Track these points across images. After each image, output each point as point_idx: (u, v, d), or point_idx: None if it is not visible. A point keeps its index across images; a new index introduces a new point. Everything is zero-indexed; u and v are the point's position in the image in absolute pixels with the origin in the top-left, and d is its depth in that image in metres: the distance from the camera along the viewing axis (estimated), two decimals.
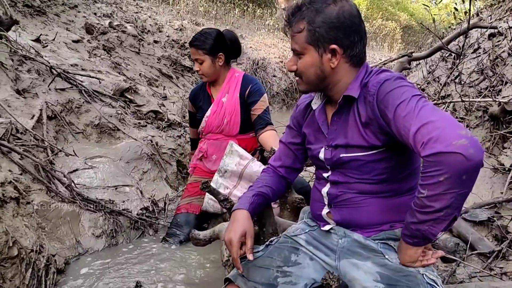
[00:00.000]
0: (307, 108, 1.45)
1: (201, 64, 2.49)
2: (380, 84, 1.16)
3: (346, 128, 1.27)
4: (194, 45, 2.47)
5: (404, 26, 17.48)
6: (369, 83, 1.21)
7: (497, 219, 1.95)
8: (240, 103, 2.55)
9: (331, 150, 1.31)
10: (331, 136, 1.31)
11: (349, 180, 1.29)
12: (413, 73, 5.19)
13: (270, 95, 8.06)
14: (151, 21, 6.67)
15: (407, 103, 1.06)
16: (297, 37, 1.23)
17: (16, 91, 2.79)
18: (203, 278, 2.14)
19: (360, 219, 1.29)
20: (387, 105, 1.11)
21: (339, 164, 1.30)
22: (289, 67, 1.30)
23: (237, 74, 2.62)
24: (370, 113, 1.18)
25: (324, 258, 1.35)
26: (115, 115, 3.38)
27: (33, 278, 1.87)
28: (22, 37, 3.54)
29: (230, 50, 2.58)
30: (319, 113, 1.37)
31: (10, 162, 2.17)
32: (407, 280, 1.15)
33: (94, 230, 2.38)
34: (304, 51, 1.23)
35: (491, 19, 4.12)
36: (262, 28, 11.32)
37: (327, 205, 1.37)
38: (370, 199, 1.28)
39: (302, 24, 1.21)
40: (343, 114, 1.28)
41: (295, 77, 1.33)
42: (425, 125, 0.99)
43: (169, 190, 3.09)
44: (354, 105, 1.24)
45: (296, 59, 1.27)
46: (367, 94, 1.20)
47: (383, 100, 1.13)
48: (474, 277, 1.71)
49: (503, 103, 2.39)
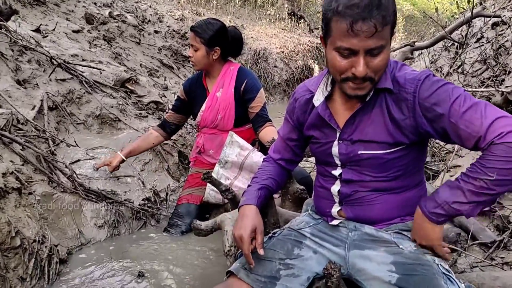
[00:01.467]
0: (308, 104, 1.37)
1: (196, 52, 2.46)
2: (421, 82, 1.14)
3: (369, 123, 1.22)
4: (194, 30, 2.44)
5: (407, 16, 17.33)
6: (400, 80, 1.17)
7: (498, 209, 1.95)
8: (235, 98, 2.52)
9: (346, 145, 1.27)
10: (347, 129, 1.26)
11: (363, 179, 1.27)
12: (415, 63, 5.16)
13: (271, 86, 8.04)
14: (152, 11, 6.62)
15: (463, 100, 1.09)
16: (385, 30, 1.06)
17: (16, 81, 2.78)
18: (205, 268, 2.15)
19: (373, 215, 1.30)
20: (437, 102, 1.11)
21: (355, 161, 1.26)
22: (363, 72, 1.09)
23: (232, 67, 2.58)
24: (406, 111, 1.16)
25: (331, 248, 1.34)
26: (116, 105, 3.37)
27: (36, 268, 1.88)
28: (22, 27, 3.52)
29: (230, 47, 2.54)
30: (321, 108, 1.30)
31: (12, 153, 2.17)
32: (422, 269, 1.15)
33: (96, 220, 2.39)
34: (387, 45, 1.10)
35: (495, 8, 4.08)
36: (263, 18, 11.23)
37: (338, 203, 1.35)
38: (383, 196, 1.28)
39: (390, 15, 1.06)
40: (369, 107, 1.22)
41: (359, 83, 1.13)
42: (501, 119, 1.04)
43: (170, 180, 3.09)
44: (382, 100, 1.19)
45: (368, 60, 1.09)
46: (401, 91, 1.16)
47: (429, 98, 1.12)
48: (476, 267, 1.72)
49: (506, 93, 2.38)
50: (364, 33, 1.04)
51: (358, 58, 1.08)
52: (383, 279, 1.18)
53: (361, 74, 1.09)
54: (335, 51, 1.11)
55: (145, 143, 2.72)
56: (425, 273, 1.14)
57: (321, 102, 1.30)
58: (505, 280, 1.39)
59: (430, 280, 1.12)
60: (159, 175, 3.04)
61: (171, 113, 2.74)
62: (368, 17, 1.02)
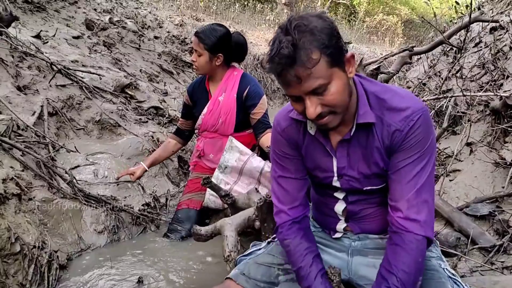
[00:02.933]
0: (299, 130, 1.25)
1: (199, 57, 2.46)
2: (413, 124, 1.10)
3: (365, 157, 1.18)
4: (198, 36, 2.44)
5: (405, 21, 17.40)
6: (396, 107, 1.12)
7: (498, 213, 1.95)
8: (237, 103, 2.52)
9: (346, 181, 1.23)
10: (343, 164, 1.21)
11: (369, 197, 1.26)
12: (414, 67, 5.18)
13: (271, 91, 8.05)
14: (151, 17, 6.65)
15: (421, 170, 1.12)
16: (316, 70, 0.99)
17: (16, 87, 2.79)
18: (205, 273, 2.14)
19: (380, 227, 1.28)
20: (407, 150, 1.12)
21: (360, 192, 1.24)
22: (314, 113, 1.04)
23: (235, 73, 2.59)
24: (390, 142, 1.14)
25: (334, 253, 1.33)
26: (116, 111, 3.38)
27: (35, 274, 1.87)
28: (22, 34, 3.53)
29: (233, 53, 2.55)
30: (323, 138, 1.21)
31: (12, 159, 2.18)
32: (429, 273, 1.16)
33: (96, 226, 2.39)
34: (330, 79, 1.02)
35: (493, 13, 4.10)
36: (262, 23, 11.28)
37: (344, 220, 1.32)
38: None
39: (314, 54, 0.98)
40: (354, 139, 1.17)
41: (320, 120, 1.07)
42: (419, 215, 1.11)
43: (170, 186, 3.09)
44: (371, 130, 1.15)
45: (316, 100, 1.04)
46: (389, 124, 1.13)
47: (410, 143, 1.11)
48: (475, 271, 1.71)
49: (505, 97, 2.38)
50: (294, 82, 1.01)
51: (305, 101, 1.05)
52: None
53: (311, 116, 1.05)
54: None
55: (166, 152, 2.78)
56: (431, 277, 1.14)
57: (316, 130, 1.22)
58: (505, 284, 1.39)
59: (437, 283, 1.12)
60: (159, 180, 3.04)
61: (182, 120, 2.77)
62: (287, 68, 0.99)
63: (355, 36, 13.60)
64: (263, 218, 1.64)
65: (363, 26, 14.73)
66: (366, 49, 12.09)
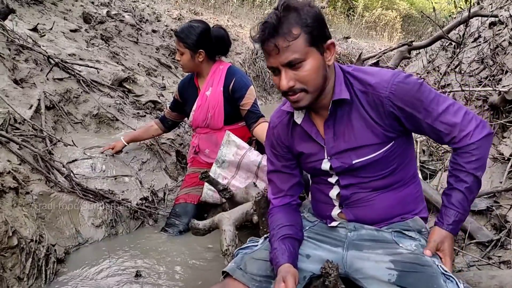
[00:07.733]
0: (288, 125, 1.37)
1: (182, 56, 2.51)
2: (395, 85, 1.19)
3: (350, 130, 1.25)
4: (177, 36, 2.50)
5: (404, 15, 17.35)
6: (371, 81, 1.21)
7: (496, 208, 1.96)
8: (224, 96, 2.53)
9: (337, 159, 1.28)
10: (331, 144, 1.28)
11: (362, 181, 1.29)
12: (413, 62, 5.17)
13: (269, 85, 8.02)
14: (149, 10, 6.61)
15: (437, 102, 1.20)
16: (294, 44, 1.12)
17: (13, 81, 2.77)
18: (203, 268, 2.15)
19: (374, 215, 1.31)
20: (412, 104, 1.19)
21: (350, 170, 1.28)
22: (286, 85, 1.16)
23: (221, 66, 2.60)
24: (382, 113, 1.21)
25: (329, 248, 1.34)
26: (113, 105, 3.37)
27: (33, 268, 1.87)
28: (19, 26, 3.51)
29: (215, 48, 2.55)
30: (307, 124, 1.32)
31: (9, 152, 2.17)
32: (422, 268, 1.16)
33: (94, 220, 2.39)
34: (306, 56, 1.14)
35: (492, 8, 4.09)
36: (261, 17, 11.22)
37: (338, 206, 1.36)
38: (383, 194, 1.29)
39: (295, 29, 1.11)
40: (338, 117, 1.26)
41: (292, 95, 1.19)
42: (470, 118, 1.22)
43: (168, 180, 3.09)
44: (353, 106, 1.24)
45: (291, 73, 1.15)
46: (374, 94, 1.21)
47: (404, 100, 1.19)
48: (473, 266, 1.72)
49: (503, 92, 2.38)
50: (273, 51, 1.13)
51: (281, 73, 1.16)
52: (381, 278, 1.19)
53: (283, 88, 1.17)
54: None
55: (146, 134, 2.92)
56: (424, 271, 1.15)
57: (304, 118, 1.32)
58: (502, 279, 1.40)
59: (429, 278, 1.13)
60: (156, 175, 3.03)
61: (168, 110, 2.86)
62: (269, 38, 1.13)
63: (353, 31, 13.57)
64: (261, 212, 1.64)
65: (362, 20, 14.68)
66: (365, 44, 12.08)
